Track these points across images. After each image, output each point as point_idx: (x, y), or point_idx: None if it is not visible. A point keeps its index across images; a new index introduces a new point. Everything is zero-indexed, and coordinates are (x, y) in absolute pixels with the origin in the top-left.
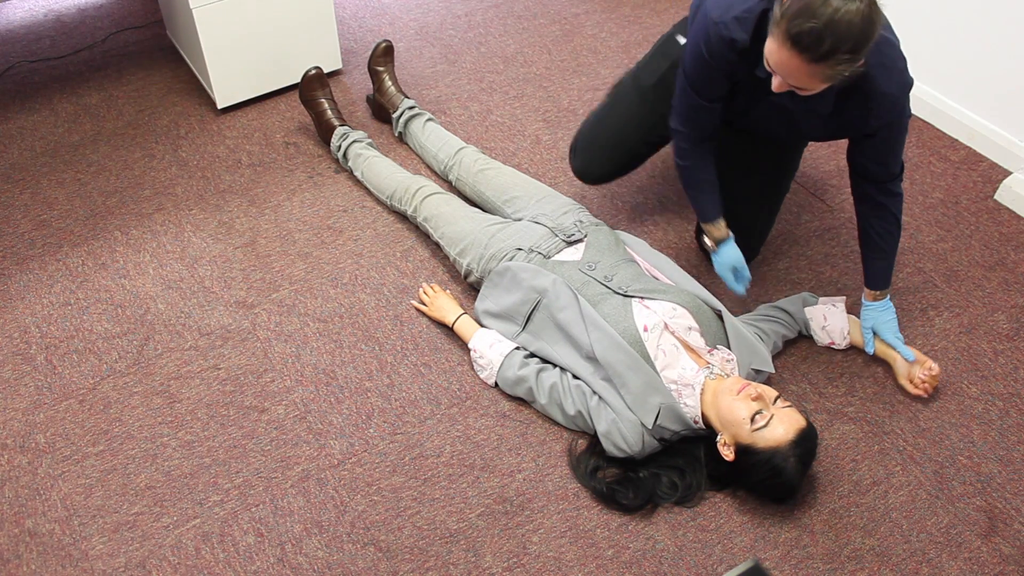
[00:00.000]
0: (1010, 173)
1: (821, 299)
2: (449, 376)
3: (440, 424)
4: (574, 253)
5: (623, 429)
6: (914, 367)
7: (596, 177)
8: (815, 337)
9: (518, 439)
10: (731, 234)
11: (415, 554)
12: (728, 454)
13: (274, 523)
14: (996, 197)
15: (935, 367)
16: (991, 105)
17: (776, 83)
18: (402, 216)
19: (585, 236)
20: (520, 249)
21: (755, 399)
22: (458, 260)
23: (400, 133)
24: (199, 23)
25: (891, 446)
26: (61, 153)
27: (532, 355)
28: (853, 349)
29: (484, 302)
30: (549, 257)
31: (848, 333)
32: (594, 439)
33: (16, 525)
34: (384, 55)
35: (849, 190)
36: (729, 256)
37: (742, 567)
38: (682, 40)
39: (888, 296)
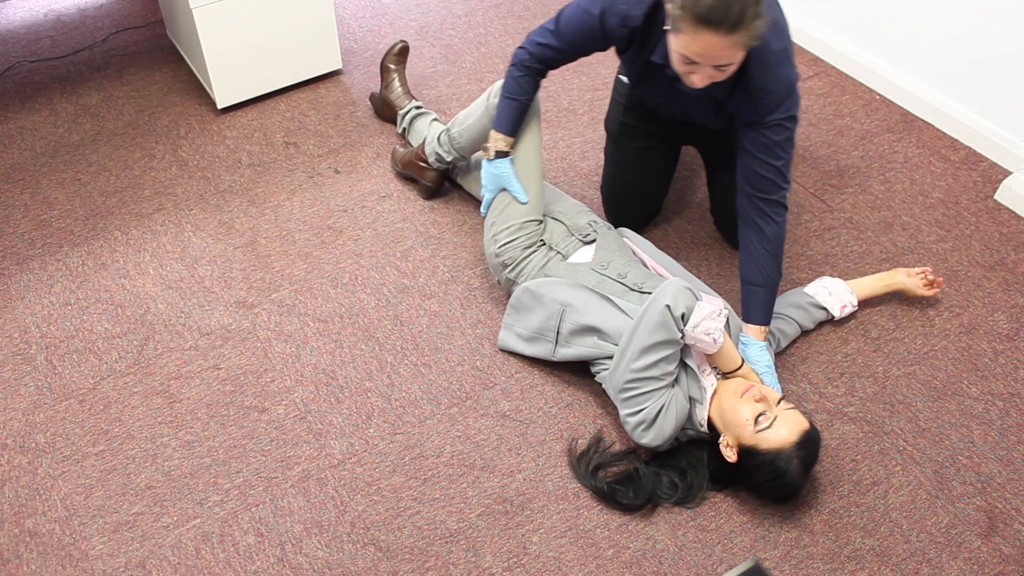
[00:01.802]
0: (1010, 173)
1: (804, 286)
2: (449, 376)
3: (440, 424)
4: (587, 254)
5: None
6: (915, 280)
7: (634, 227)
8: (829, 307)
9: (518, 439)
10: (508, 156)
11: (415, 554)
12: (731, 456)
13: (274, 523)
14: (996, 197)
15: (922, 269)
16: (991, 105)
17: (698, 77)
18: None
19: (597, 237)
20: (543, 243)
21: (759, 400)
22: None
23: (404, 129)
24: (199, 23)
25: (891, 446)
26: (61, 153)
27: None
28: (854, 347)
29: (510, 331)
30: (567, 258)
31: (852, 291)
32: (594, 439)
33: (16, 525)
34: (399, 55)
35: (849, 190)
36: (502, 169)
37: (742, 567)
38: (624, 79)
39: (767, 341)
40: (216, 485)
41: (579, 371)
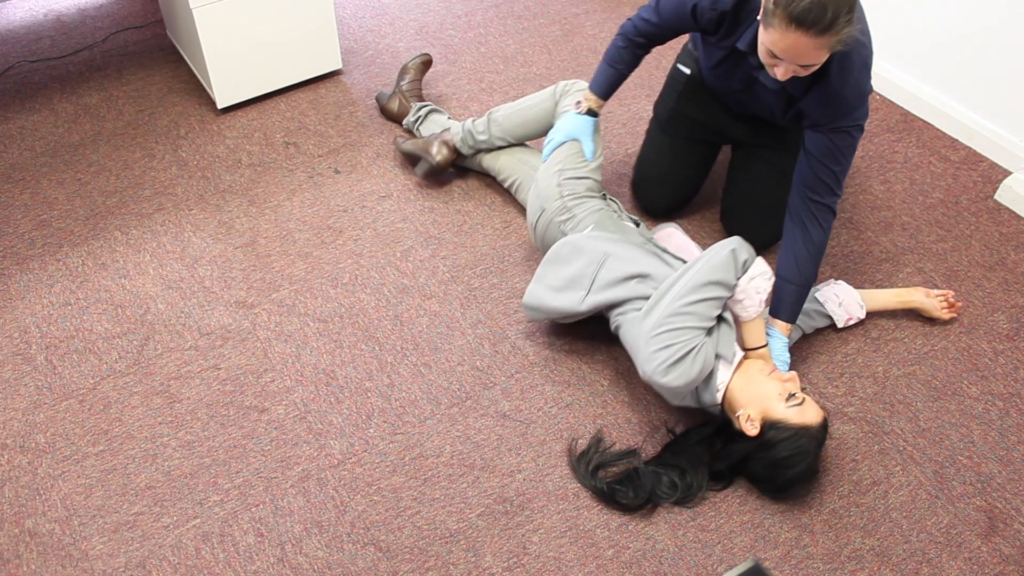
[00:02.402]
0: (1010, 173)
1: (819, 287)
2: (449, 376)
3: (440, 424)
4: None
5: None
6: (933, 301)
7: (661, 210)
8: (835, 318)
9: (518, 439)
10: (595, 117)
11: (415, 554)
12: (752, 429)
13: (274, 523)
14: (996, 197)
15: (944, 292)
16: (991, 105)
17: (781, 71)
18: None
19: (640, 223)
20: (603, 195)
21: (787, 381)
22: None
23: (417, 118)
24: (199, 23)
25: (891, 446)
26: (61, 153)
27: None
28: (854, 347)
29: (541, 283)
30: (619, 215)
31: (863, 301)
32: (594, 439)
33: (16, 525)
34: (423, 64)
35: (849, 190)
36: (585, 122)
37: (742, 567)
38: (684, 69)
39: (788, 338)
40: (216, 485)
41: (579, 371)
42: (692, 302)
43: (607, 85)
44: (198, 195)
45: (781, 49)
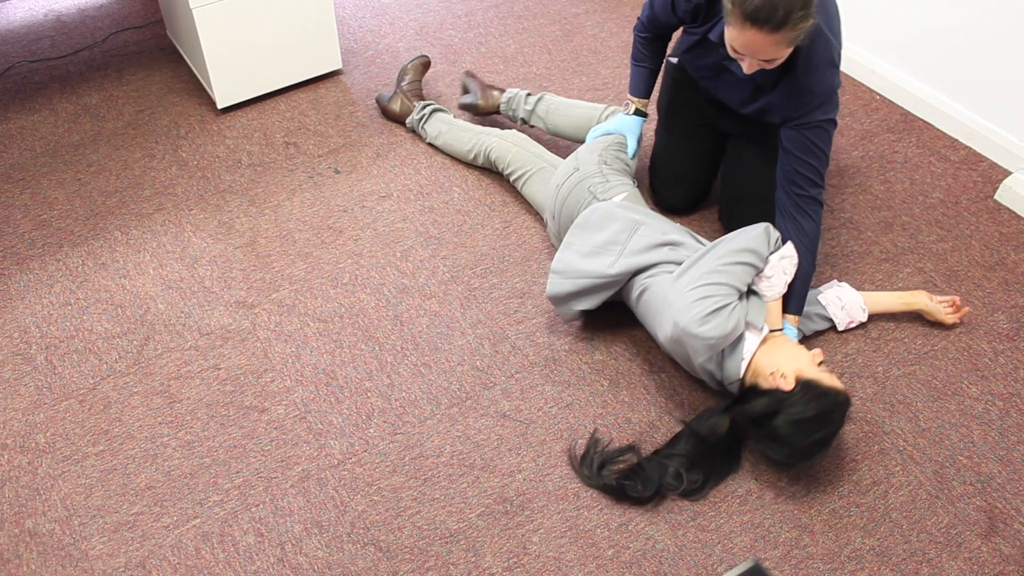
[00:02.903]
0: (1010, 173)
1: (821, 288)
2: (449, 376)
3: (440, 424)
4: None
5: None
6: (936, 305)
7: (679, 207)
8: (836, 321)
9: (518, 439)
10: (642, 118)
11: (415, 554)
12: (787, 384)
13: (274, 523)
14: (996, 197)
15: (949, 298)
16: (991, 105)
17: (746, 65)
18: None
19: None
20: (636, 183)
21: (815, 354)
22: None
23: (422, 116)
24: (199, 23)
25: (891, 446)
26: (61, 153)
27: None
28: (854, 347)
29: (570, 249)
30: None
31: (865, 304)
32: (592, 437)
33: (16, 525)
34: (423, 66)
35: (849, 190)
36: (633, 121)
37: (742, 567)
38: (672, 60)
39: (796, 330)
40: (216, 485)
41: (579, 371)
42: (730, 263)
43: (642, 83)
44: (198, 195)
45: (740, 45)
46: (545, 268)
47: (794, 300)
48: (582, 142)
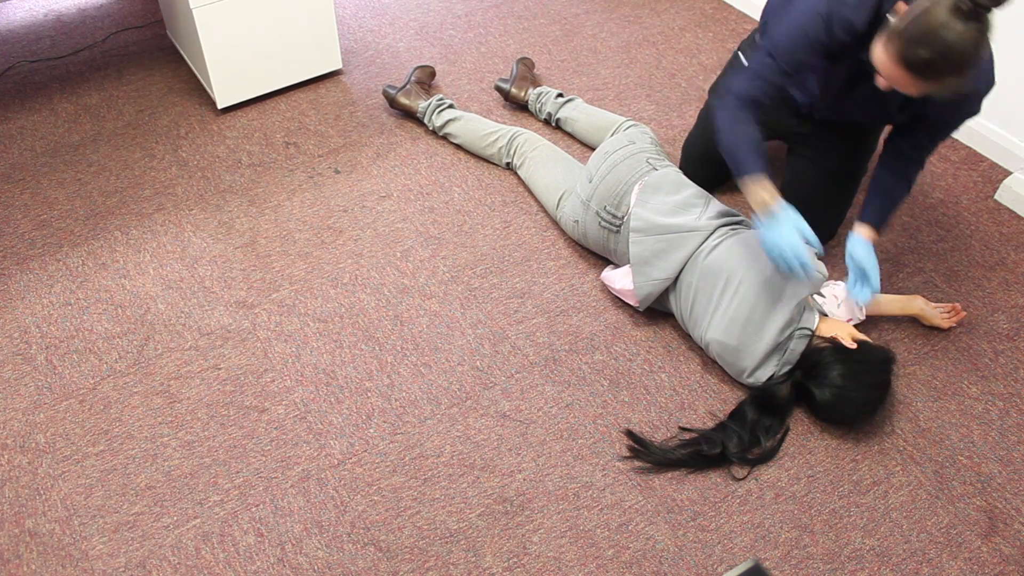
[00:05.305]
0: (1010, 173)
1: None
2: (449, 376)
3: (440, 424)
4: None
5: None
6: (933, 310)
7: (703, 184)
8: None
9: (518, 439)
10: (786, 204)
11: (415, 554)
12: (852, 343)
13: (274, 523)
14: (996, 197)
15: (949, 305)
16: (991, 105)
17: (883, 83)
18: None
19: None
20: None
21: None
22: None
23: (437, 107)
24: (199, 23)
25: (891, 446)
26: (61, 153)
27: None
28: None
29: (645, 207)
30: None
31: (863, 306)
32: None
33: (16, 525)
34: (430, 73)
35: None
36: (792, 226)
37: (742, 567)
38: (745, 61)
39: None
40: (216, 485)
41: (579, 371)
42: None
43: (755, 156)
44: (198, 195)
45: (883, 70)
46: (545, 268)
47: (874, 212)
48: (593, 148)
